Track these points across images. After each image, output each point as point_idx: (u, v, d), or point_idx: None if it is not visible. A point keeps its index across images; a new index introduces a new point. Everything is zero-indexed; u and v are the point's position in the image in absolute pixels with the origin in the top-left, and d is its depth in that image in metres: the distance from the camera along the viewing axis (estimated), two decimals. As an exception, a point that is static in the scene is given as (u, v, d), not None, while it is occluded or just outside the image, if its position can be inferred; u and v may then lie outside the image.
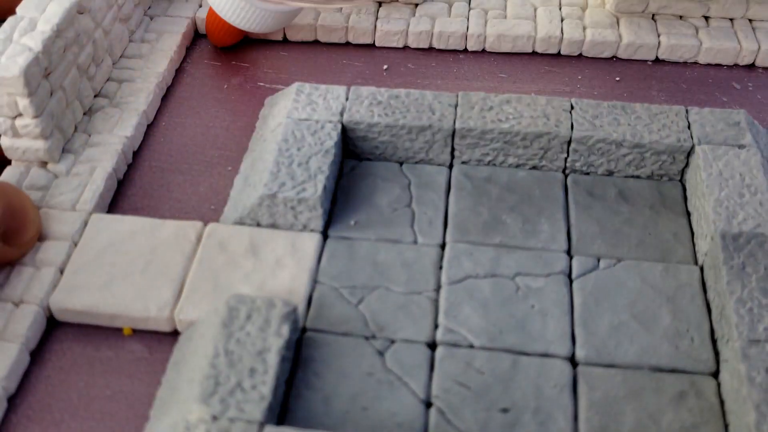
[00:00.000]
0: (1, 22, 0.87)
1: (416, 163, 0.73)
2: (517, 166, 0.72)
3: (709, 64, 0.88)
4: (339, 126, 0.71)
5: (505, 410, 0.55)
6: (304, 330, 0.60)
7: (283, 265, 0.63)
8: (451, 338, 0.59)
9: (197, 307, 0.61)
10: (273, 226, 0.66)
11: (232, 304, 0.57)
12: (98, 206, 0.70)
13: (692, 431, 0.54)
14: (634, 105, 0.73)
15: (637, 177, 0.71)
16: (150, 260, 0.64)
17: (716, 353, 0.59)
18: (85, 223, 0.68)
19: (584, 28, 0.89)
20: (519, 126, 0.70)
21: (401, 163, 0.73)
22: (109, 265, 0.64)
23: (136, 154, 0.77)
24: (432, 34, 0.89)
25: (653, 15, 0.91)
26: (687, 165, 0.71)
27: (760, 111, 0.82)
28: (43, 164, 0.72)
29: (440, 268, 0.64)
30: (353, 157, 0.74)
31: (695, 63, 0.88)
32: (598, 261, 0.64)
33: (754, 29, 0.89)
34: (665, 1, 0.89)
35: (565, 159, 0.71)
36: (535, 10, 0.91)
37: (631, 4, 0.89)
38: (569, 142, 0.70)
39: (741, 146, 0.69)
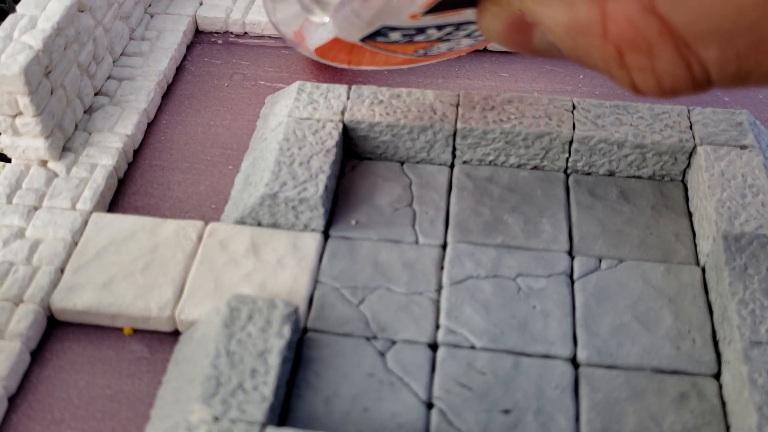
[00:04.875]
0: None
1: (417, 162, 0.73)
2: (519, 166, 0.72)
3: (710, 64, 0.88)
4: (340, 125, 0.71)
5: (506, 411, 0.55)
6: (305, 330, 0.60)
7: (284, 264, 0.63)
8: (452, 339, 0.59)
9: (198, 307, 0.61)
10: (274, 225, 0.66)
11: (234, 304, 0.57)
12: (99, 205, 0.70)
13: (694, 433, 0.54)
14: (636, 104, 0.72)
15: (639, 177, 0.71)
16: (151, 259, 0.64)
17: (718, 355, 0.58)
18: (86, 222, 0.67)
19: (586, 27, 0.89)
20: (521, 126, 0.70)
21: (402, 163, 0.73)
22: (109, 264, 0.64)
23: (137, 152, 0.77)
24: (433, 32, 0.89)
25: (655, 14, 0.90)
26: (689, 165, 0.70)
27: (763, 111, 0.82)
28: (44, 163, 0.72)
29: (441, 268, 0.64)
30: (354, 157, 0.73)
31: (697, 62, 0.88)
32: (600, 261, 0.64)
33: (756, 29, 0.89)
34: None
35: (567, 159, 0.71)
36: (537, 8, 0.91)
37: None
38: (571, 142, 0.70)
39: (743, 147, 0.69)
